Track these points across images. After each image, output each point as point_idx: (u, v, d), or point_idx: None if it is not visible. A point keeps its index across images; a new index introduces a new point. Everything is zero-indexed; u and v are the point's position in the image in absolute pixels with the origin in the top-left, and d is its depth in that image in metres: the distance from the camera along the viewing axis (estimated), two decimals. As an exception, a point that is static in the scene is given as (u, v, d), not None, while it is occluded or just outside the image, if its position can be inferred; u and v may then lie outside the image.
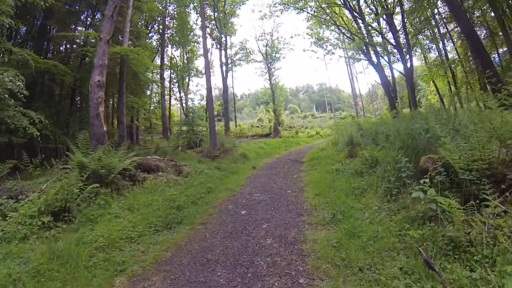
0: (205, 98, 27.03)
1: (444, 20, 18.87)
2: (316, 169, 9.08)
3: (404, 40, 16.70)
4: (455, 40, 20.00)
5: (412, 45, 16.93)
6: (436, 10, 18.53)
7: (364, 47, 18.30)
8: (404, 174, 4.18)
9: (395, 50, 17.41)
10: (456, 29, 19.16)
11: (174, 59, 29.24)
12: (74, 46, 17.39)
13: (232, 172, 10.02)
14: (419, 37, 19.23)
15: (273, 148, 17.52)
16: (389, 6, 17.07)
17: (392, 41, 16.76)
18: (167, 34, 25.64)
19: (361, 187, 5.59)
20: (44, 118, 10.45)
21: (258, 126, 31.64)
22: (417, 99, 20.66)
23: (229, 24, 26.45)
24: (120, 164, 7.09)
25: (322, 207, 5.16)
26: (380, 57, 18.43)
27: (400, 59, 16.65)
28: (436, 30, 19.61)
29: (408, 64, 15.83)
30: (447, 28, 19.35)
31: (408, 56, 15.83)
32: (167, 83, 28.87)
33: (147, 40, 23.45)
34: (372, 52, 18.45)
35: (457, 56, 19.43)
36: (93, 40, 15.23)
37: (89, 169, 6.61)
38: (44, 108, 13.68)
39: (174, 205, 5.86)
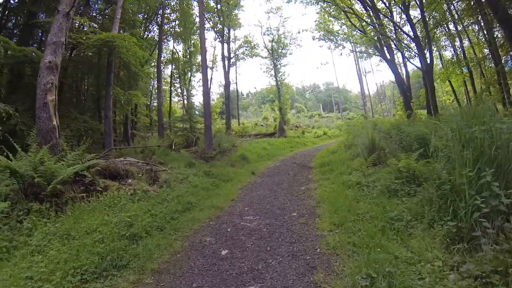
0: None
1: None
2: (329, 179, 7.36)
3: (422, 32, 14.77)
4: (472, 38, 18.26)
5: (431, 38, 14.97)
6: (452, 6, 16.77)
7: (377, 43, 16.50)
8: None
9: (413, 44, 15.47)
10: (470, 26, 17.40)
11: (177, 53, 27.86)
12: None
13: (224, 180, 8.26)
14: (436, 32, 17.43)
15: (277, 149, 15.75)
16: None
17: (410, 33, 14.75)
18: (167, 26, 24.22)
19: (402, 218, 3.70)
20: (14, 111, 9.09)
21: (262, 125, 29.83)
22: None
23: (233, 16, 24.96)
24: (63, 171, 5.18)
25: (347, 252, 3.29)
26: (395, 54, 16.58)
27: (417, 54, 14.67)
28: (452, 26, 17.87)
29: (428, 59, 13.79)
30: (463, 25, 17.63)
31: (427, 50, 13.82)
32: (168, 78, 28.02)
33: (147, 33, 22.11)
34: (385, 48, 16.67)
35: (474, 55, 17.70)
36: (85, 28, 13.78)
37: (19, 176, 4.87)
38: (25, 101, 12.06)
39: (128, 233, 4.06)
